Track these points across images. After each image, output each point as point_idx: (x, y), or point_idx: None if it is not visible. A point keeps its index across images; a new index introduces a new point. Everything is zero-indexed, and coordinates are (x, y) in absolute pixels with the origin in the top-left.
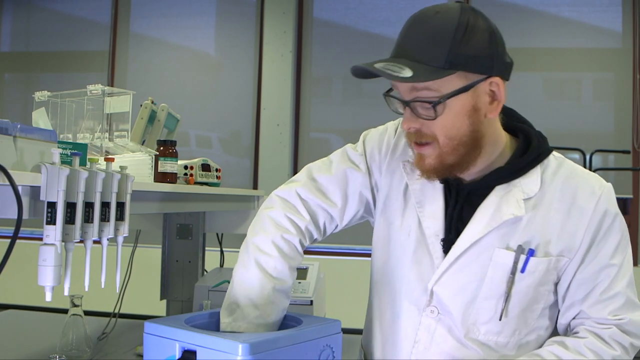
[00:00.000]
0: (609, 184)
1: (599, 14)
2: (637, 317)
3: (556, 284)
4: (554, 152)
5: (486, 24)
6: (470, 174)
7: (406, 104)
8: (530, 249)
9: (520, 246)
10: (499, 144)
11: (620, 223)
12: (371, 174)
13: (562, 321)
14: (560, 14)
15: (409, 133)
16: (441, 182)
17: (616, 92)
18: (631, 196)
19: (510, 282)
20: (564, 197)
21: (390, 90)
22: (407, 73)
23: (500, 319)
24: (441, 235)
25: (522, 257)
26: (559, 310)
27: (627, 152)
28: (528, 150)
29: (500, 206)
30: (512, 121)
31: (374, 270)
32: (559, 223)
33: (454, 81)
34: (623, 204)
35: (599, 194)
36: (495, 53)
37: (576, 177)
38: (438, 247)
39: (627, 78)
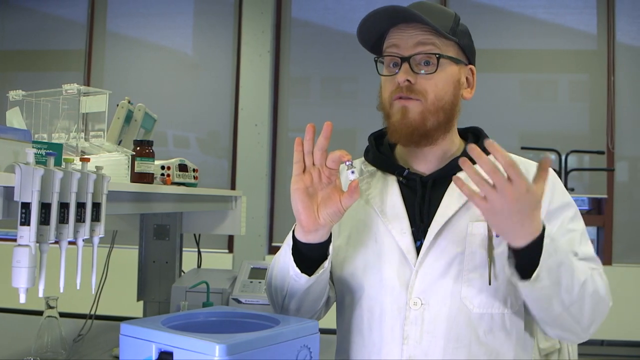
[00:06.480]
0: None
1: (575, 16)
2: (607, 281)
3: None
4: None
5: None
6: (429, 167)
7: (406, 59)
8: None
9: None
10: (456, 139)
11: (570, 198)
12: None
13: None
14: (536, 15)
15: (397, 88)
16: (402, 181)
17: (591, 94)
18: (605, 196)
19: (490, 248)
20: None
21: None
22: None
23: (490, 284)
24: (408, 232)
25: None
26: None
27: (602, 152)
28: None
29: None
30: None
31: (338, 282)
32: None
33: (451, 50)
34: (597, 204)
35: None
36: (474, 49)
37: (523, 162)
38: (409, 242)
39: (602, 79)
